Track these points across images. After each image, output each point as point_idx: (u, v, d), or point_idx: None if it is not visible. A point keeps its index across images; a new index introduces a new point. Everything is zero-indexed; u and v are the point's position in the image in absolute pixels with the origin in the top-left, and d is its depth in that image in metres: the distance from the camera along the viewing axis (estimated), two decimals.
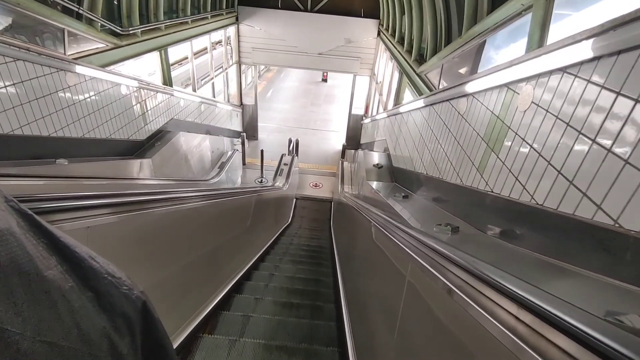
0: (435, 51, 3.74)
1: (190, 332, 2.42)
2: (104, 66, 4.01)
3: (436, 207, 2.78)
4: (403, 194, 3.30)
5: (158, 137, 5.26)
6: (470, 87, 2.32)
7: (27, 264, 0.28)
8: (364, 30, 9.15)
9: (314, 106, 14.99)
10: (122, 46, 4.39)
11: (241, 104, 10.48)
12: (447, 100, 2.83)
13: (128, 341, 0.36)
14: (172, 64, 6.80)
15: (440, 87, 3.08)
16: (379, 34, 8.99)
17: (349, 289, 3.38)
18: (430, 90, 3.47)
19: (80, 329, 0.31)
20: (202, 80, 8.32)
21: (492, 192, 1.93)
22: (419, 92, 4.13)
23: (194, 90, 6.98)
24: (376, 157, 5.45)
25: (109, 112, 4.07)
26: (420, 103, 3.54)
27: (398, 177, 4.56)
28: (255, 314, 2.96)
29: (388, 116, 5.71)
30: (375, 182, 4.65)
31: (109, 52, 4.18)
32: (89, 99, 3.68)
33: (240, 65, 9.94)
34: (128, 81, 4.39)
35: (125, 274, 0.40)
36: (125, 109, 4.40)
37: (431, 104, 3.23)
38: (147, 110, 4.99)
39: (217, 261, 3.22)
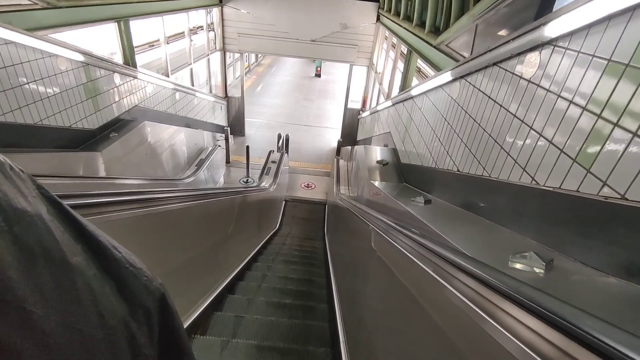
0: (461, 11, 2.88)
1: None
2: (31, 30, 3.06)
3: (480, 219, 1.91)
4: (424, 199, 2.43)
5: (116, 127, 4.32)
6: (554, 29, 1.45)
7: (54, 250, 0.29)
8: (361, 14, 8.28)
9: (306, 101, 14.09)
10: (61, 7, 3.44)
11: (226, 95, 9.53)
12: (496, 63, 1.96)
13: (146, 330, 0.36)
14: (141, 46, 5.86)
15: (474, 54, 2.22)
16: (378, 19, 8.13)
17: (347, 317, 2.50)
18: (457, 61, 2.60)
19: (101, 315, 0.31)
20: (180, 68, 7.39)
21: (623, 198, 1.06)
22: (438, 68, 3.27)
23: (167, 76, 6.03)
24: (379, 153, 4.58)
25: (38, 91, 3.12)
26: (446, 77, 2.67)
27: (409, 176, 3.70)
28: None
29: (393, 104, 4.85)
30: (379, 183, 3.78)
31: (40, 13, 3.23)
32: (2, 70, 2.74)
33: (225, 52, 8.99)
34: (68, 53, 3.44)
35: (145, 266, 0.39)
36: (64, 88, 3.46)
37: (464, 75, 2.36)
38: (100, 93, 4.04)
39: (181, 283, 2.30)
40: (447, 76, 2.66)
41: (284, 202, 7.40)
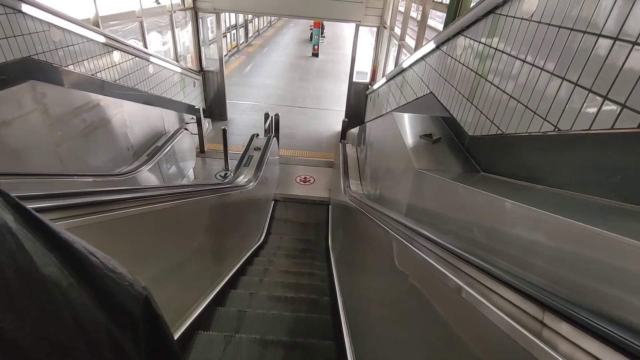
0: None
1: None
2: None
3: None
4: None
5: None
6: None
7: (24, 261, 0.28)
8: None
9: (302, 81, 12.20)
10: None
11: (201, 69, 7.65)
12: None
13: (130, 336, 0.35)
14: None
15: None
16: None
17: None
18: None
19: (81, 325, 0.30)
20: (123, 22, 5.54)
21: None
22: None
23: (97, 26, 4.18)
24: (420, 125, 2.78)
25: None
26: None
27: (494, 160, 1.90)
28: None
29: (437, 46, 3.03)
30: (431, 173, 1.99)
31: None
32: None
33: (196, 13, 7.10)
34: None
35: (126, 270, 0.38)
36: None
37: None
38: None
39: None
40: None
41: (272, 202, 5.59)
